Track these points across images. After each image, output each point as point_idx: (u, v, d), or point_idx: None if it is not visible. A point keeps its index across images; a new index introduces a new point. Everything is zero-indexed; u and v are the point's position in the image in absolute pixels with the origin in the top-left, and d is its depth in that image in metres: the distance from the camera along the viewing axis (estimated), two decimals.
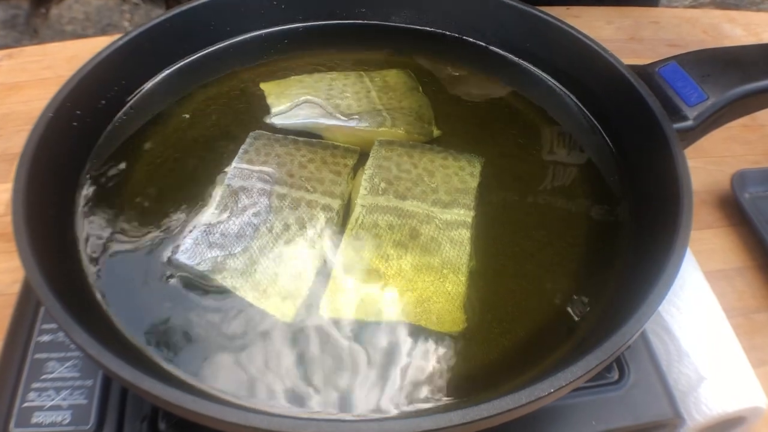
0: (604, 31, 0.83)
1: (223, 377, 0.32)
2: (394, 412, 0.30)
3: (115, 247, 0.37)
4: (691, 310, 0.43)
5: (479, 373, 0.33)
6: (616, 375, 0.38)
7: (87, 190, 0.40)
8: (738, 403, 0.39)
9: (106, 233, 0.38)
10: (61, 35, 1.59)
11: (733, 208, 0.60)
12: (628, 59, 0.46)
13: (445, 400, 0.31)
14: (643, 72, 0.43)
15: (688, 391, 0.39)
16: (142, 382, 0.25)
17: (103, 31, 1.57)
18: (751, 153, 0.67)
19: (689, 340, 0.41)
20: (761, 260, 0.56)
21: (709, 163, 0.66)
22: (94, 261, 0.37)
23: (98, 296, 0.35)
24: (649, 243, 0.36)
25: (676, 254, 0.31)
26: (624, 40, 0.83)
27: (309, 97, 0.45)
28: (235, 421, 0.24)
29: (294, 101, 0.45)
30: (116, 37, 0.45)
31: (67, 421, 0.36)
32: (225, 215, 0.37)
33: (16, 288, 0.50)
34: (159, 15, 0.46)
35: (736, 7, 1.63)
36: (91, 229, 0.38)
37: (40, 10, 1.57)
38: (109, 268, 0.36)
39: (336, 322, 0.34)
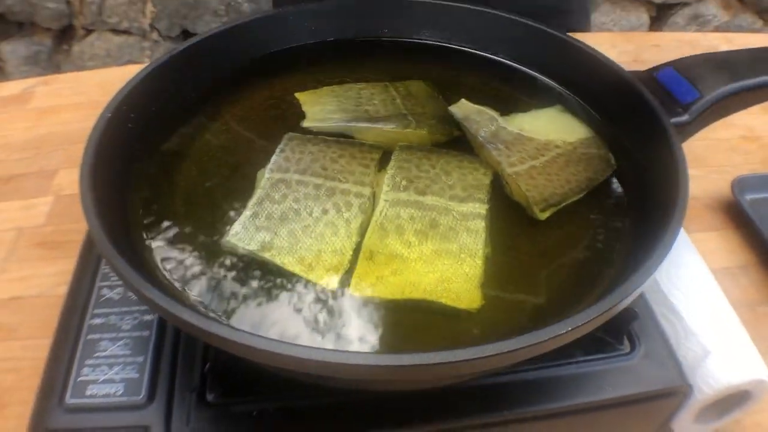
0: (608, 55, 0.88)
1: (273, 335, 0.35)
2: None
3: (170, 231, 0.41)
4: (695, 293, 0.46)
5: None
6: (627, 347, 0.41)
7: (142, 182, 0.44)
8: (743, 375, 0.42)
9: (160, 219, 0.42)
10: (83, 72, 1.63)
11: (735, 212, 0.63)
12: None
13: None
14: (642, 76, 0.47)
15: (695, 365, 0.42)
16: (209, 327, 0.29)
17: None
18: (749, 162, 0.70)
19: (694, 320, 0.44)
20: (763, 257, 0.59)
21: (711, 172, 0.70)
22: (152, 243, 0.40)
23: (159, 273, 0.39)
24: (651, 220, 0.39)
25: (676, 218, 0.34)
26: (627, 62, 0.87)
27: (341, 104, 0.49)
28: (298, 355, 0.27)
29: (327, 107, 0.49)
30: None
31: (119, 392, 0.39)
32: (268, 203, 0.41)
33: (57, 290, 0.53)
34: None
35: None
36: (147, 215, 0.42)
37: (63, 46, 1.63)
38: (166, 250, 0.40)
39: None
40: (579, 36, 0.90)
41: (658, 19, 1.72)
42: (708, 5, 1.69)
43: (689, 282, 0.46)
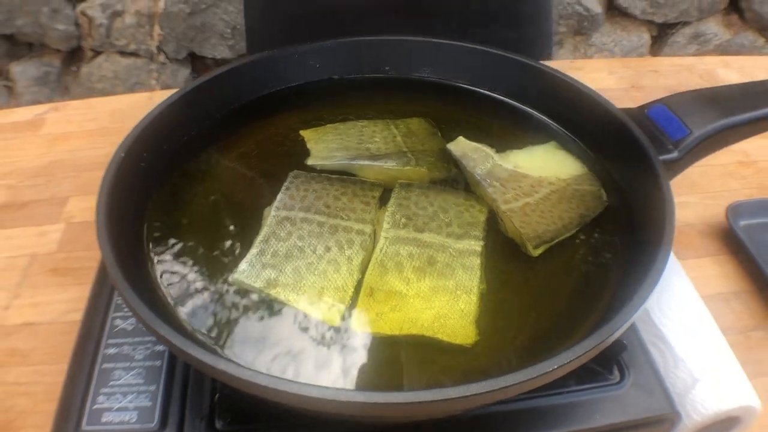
0: (606, 81, 0.90)
1: (278, 372, 0.37)
2: None
3: (179, 265, 0.43)
4: (685, 321, 0.47)
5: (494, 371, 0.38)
6: (617, 377, 0.43)
7: (152, 217, 0.46)
8: (732, 401, 0.43)
9: (170, 253, 0.44)
10: (91, 93, 1.65)
11: (729, 238, 0.64)
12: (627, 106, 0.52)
13: None
14: (634, 113, 0.49)
15: (684, 393, 0.44)
16: (217, 364, 0.31)
17: (131, 90, 1.62)
18: (746, 187, 0.71)
19: (683, 347, 0.46)
20: (757, 284, 0.60)
21: (706, 198, 0.71)
22: (163, 281, 0.42)
23: (170, 307, 0.41)
24: (639, 254, 0.41)
25: (664, 249, 0.36)
26: (625, 88, 0.89)
27: (343, 142, 0.52)
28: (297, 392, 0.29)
29: (330, 145, 0.51)
30: (168, 91, 0.51)
31: (133, 420, 0.41)
32: (274, 240, 0.43)
33: (69, 317, 0.55)
34: (188, 75, 0.53)
35: (738, 53, 1.70)
36: (157, 251, 0.44)
37: (71, 68, 1.66)
38: (176, 287, 0.42)
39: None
40: (579, 62, 0.93)
41: (659, 39, 1.74)
42: (709, 24, 1.70)
43: (679, 310, 0.48)
